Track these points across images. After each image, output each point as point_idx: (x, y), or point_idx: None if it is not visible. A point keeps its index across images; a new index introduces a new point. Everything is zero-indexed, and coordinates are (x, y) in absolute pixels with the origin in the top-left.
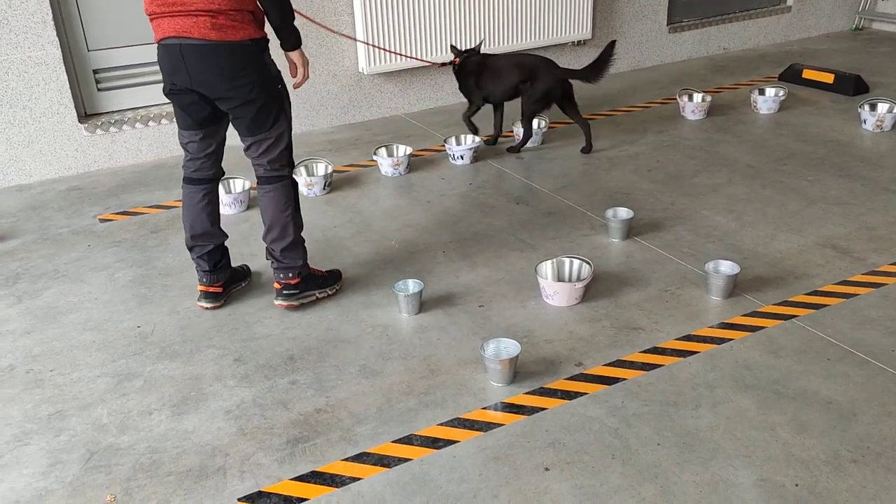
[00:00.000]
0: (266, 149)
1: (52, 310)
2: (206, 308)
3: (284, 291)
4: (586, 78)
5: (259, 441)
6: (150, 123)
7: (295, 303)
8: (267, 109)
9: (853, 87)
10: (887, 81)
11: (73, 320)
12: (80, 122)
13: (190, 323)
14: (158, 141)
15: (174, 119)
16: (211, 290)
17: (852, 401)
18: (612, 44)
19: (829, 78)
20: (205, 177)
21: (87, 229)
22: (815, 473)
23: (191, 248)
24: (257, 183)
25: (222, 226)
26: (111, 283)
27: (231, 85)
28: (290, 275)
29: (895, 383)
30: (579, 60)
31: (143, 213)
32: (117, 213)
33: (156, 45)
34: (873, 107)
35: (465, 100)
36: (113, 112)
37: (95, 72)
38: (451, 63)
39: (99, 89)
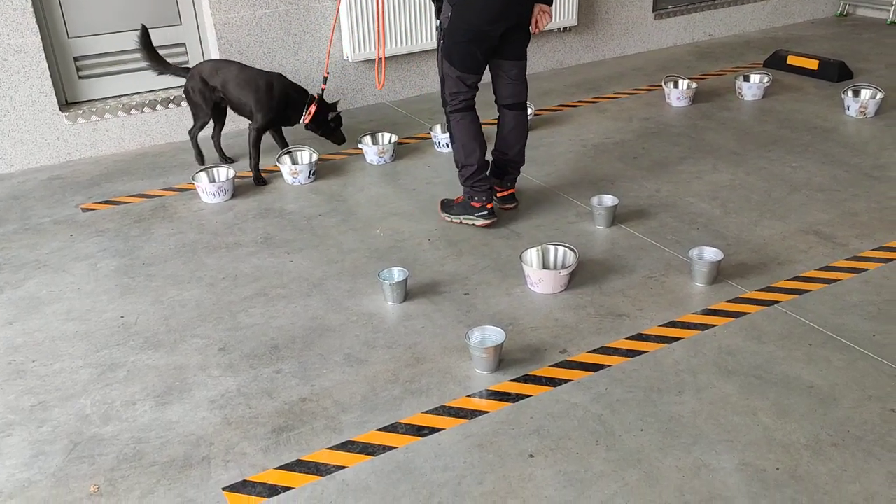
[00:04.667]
0: (522, 70)
1: (34, 300)
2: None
3: (511, 200)
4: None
5: (244, 430)
6: (133, 111)
7: (511, 205)
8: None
9: (837, 73)
10: (871, 68)
11: (55, 311)
12: (61, 110)
13: (174, 313)
14: (141, 129)
15: (156, 107)
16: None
17: (833, 385)
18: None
19: (813, 64)
20: (474, 105)
21: (70, 219)
22: (796, 457)
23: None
24: (513, 109)
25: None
26: (94, 273)
27: (527, 17)
28: (511, 185)
29: (875, 368)
30: (565, 47)
31: (125, 203)
32: (100, 203)
33: None
34: (857, 93)
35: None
36: (94, 100)
37: (76, 59)
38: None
39: (80, 77)
